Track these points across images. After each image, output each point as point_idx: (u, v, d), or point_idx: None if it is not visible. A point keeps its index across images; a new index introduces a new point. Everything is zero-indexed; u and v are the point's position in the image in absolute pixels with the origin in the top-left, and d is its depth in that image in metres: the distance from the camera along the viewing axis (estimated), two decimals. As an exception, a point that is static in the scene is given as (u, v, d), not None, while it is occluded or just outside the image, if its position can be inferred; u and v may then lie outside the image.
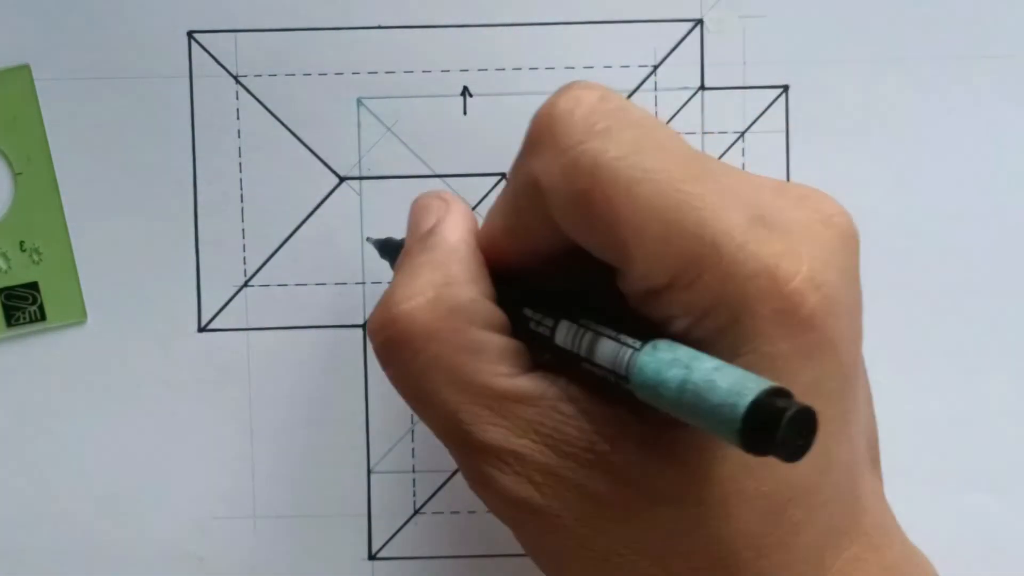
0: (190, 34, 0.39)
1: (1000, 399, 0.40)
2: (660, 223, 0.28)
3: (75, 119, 0.39)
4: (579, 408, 0.30)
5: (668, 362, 0.27)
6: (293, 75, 0.40)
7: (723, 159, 0.40)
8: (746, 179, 0.31)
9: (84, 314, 0.40)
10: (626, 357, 0.28)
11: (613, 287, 0.30)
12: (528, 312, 0.31)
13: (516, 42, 0.39)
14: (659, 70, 0.40)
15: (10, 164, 0.39)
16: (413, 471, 0.40)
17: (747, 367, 0.27)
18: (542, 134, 0.29)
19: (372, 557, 0.40)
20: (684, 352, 0.28)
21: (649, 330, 0.29)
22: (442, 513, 0.40)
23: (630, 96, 0.40)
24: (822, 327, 0.28)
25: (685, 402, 0.27)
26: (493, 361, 0.30)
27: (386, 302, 0.31)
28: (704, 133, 0.40)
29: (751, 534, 0.29)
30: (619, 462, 0.29)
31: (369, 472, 0.40)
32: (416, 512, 0.40)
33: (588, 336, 0.30)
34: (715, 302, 0.28)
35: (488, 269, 0.32)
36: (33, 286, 0.40)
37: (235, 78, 0.40)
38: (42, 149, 0.39)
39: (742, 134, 0.40)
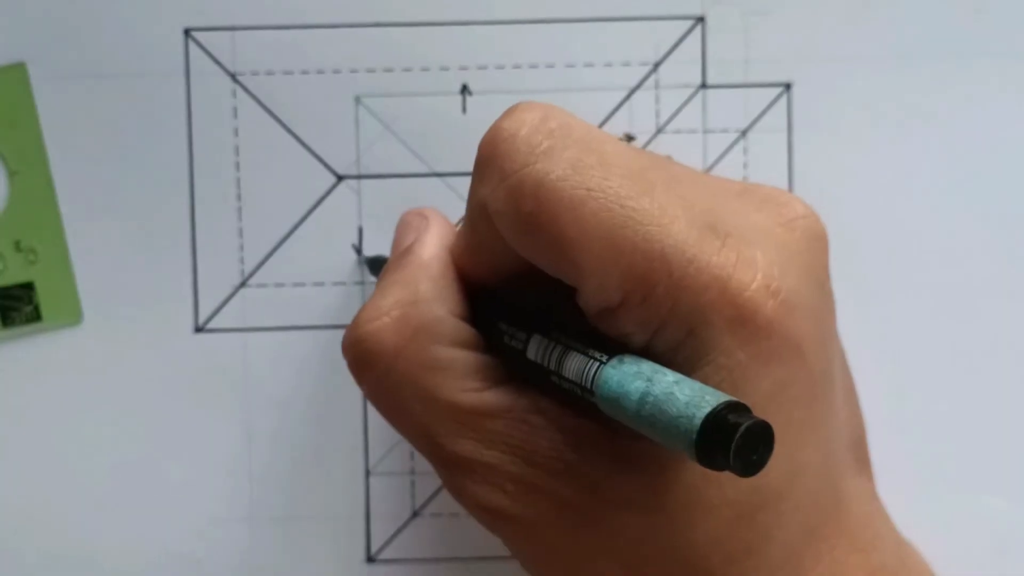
0: (187, 32, 0.39)
1: (1000, 399, 0.40)
2: (607, 241, 0.28)
3: (71, 117, 0.39)
4: (548, 419, 0.30)
5: (631, 375, 0.28)
6: (291, 73, 0.39)
7: (725, 158, 0.40)
8: (702, 185, 0.31)
9: (80, 314, 0.40)
10: (592, 370, 0.29)
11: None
12: (503, 326, 0.32)
13: (516, 40, 0.39)
14: (660, 68, 0.40)
15: (6, 163, 0.39)
16: (411, 473, 0.40)
17: (706, 379, 0.28)
18: (487, 159, 0.30)
19: (370, 559, 0.40)
20: (647, 366, 0.28)
21: (618, 346, 0.29)
22: (441, 515, 0.40)
23: (631, 94, 0.40)
24: (782, 332, 0.29)
25: (645, 415, 0.27)
26: (459, 377, 0.31)
27: (356, 321, 0.32)
28: (705, 131, 0.40)
29: (719, 540, 0.29)
30: (587, 471, 0.30)
31: (367, 474, 0.40)
32: (415, 514, 0.40)
33: (558, 350, 0.30)
34: (669, 316, 0.29)
35: (465, 284, 0.33)
36: (29, 286, 0.39)
37: (232, 76, 0.39)
38: (38, 148, 0.39)
39: (744, 132, 0.40)
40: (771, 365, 0.29)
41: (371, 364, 0.32)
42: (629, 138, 0.40)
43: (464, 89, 0.40)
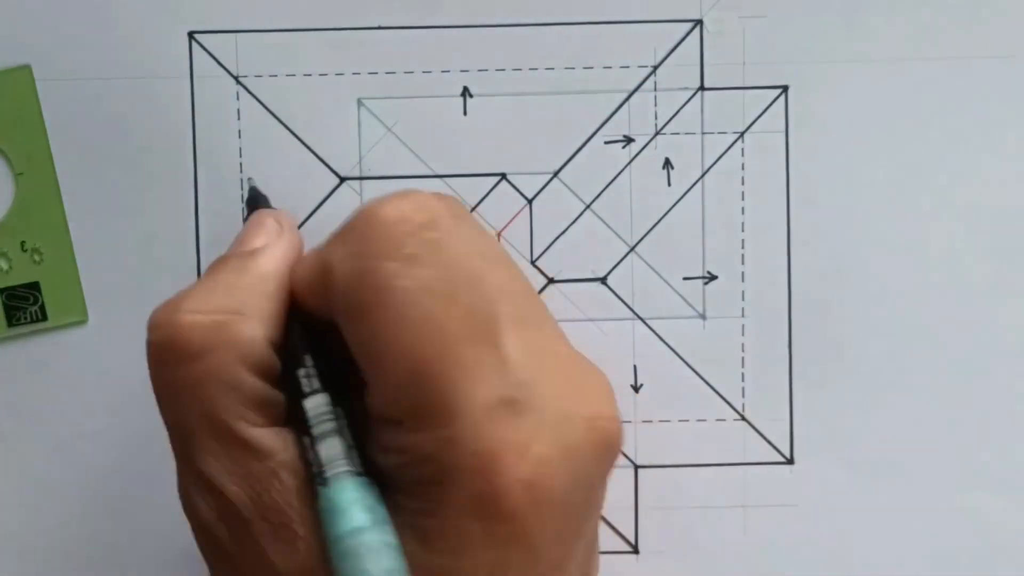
0: (191, 35, 0.39)
1: (1000, 399, 0.40)
2: (412, 369, 0.28)
3: (76, 119, 0.39)
4: (297, 484, 0.30)
5: (361, 504, 0.28)
6: (293, 75, 0.40)
7: (723, 159, 0.40)
8: (540, 348, 0.30)
9: (85, 314, 0.40)
10: (337, 468, 0.29)
11: None
12: (307, 367, 0.31)
13: (516, 42, 0.39)
14: (659, 70, 0.40)
15: (11, 164, 0.39)
16: (413, 471, 0.40)
17: (435, 528, 0.28)
18: (356, 228, 0.30)
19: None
20: (381, 511, 0.28)
21: (381, 455, 0.30)
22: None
23: (629, 97, 0.40)
24: (522, 523, 0.28)
25: (343, 547, 0.28)
26: (243, 404, 0.30)
27: (177, 302, 0.31)
28: (704, 133, 0.40)
29: None
30: (305, 550, 0.29)
31: (369, 472, 0.40)
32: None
33: (329, 424, 0.30)
34: (431, 458, 0.28)
35: (289, 307, 0.32)
36: (34, 286, 0.40)
37: (236, 79, 0.40)
38: (43, 149, 0.39)
39: (742, 134, 0.40)
40: (500, 546, 0.28)
41: (172, 353, 0.31)
42: (629, 139, 0.40)
43: (465, 91, 0.40)
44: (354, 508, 0.28)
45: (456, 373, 0.28)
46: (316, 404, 0.30)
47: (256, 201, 0.38)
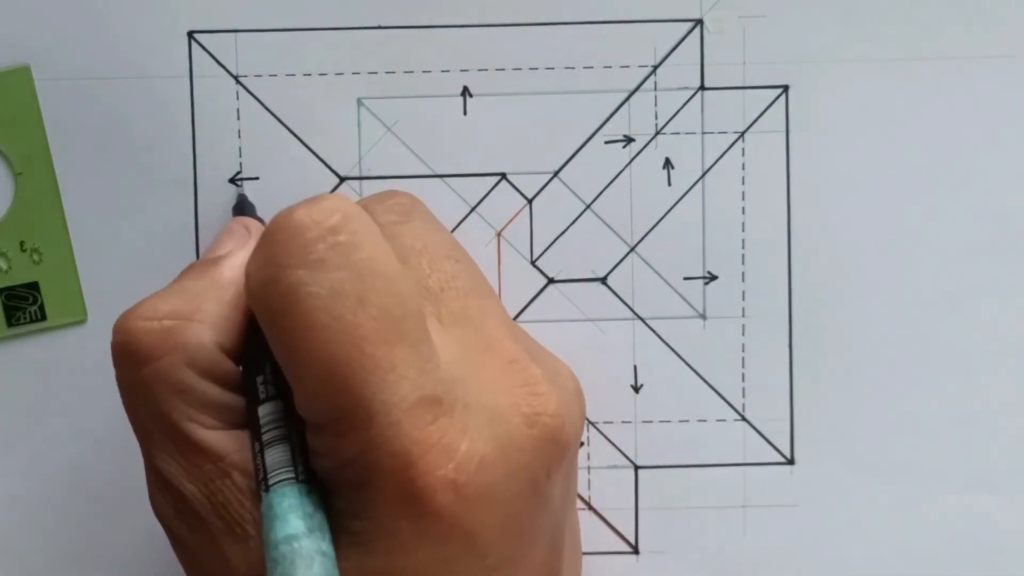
0: (190, 34, 0.39)
1: (1000, 399, 0.40)
2: (326, 373, 0.28)
3: (75, 119, 0.39)
4: (251, 485, 0.30)
5: (300, 512, 0.29)
6: (293, 75, 0.40)
7: (723, 159, 0.40)
8: (472, 345, 0.31)
9: (84, 314, 0.40)
10: (279, 476, 0.29)
11: None
12: (265, 373, 0.31)
13: (516, 42, 0.40)
14: (659, 70, 0.40)
15: (10, 164, 0.39)
16: (413, 471, 0.40)
17: (367, 531, 0.29)
18: (267, 236, 0.30)
19: (372, 557, 0.40)
20: (319, 517, 0.29)
21: (318, 461, 0.30)
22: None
23: (629, 96, 0.40)
24: (453, 521, 0.29)
25: (278, 552, 0.28)
26: (196, 407, 0.31)
27: (133, 310, 0.32)
28: (704, 133, 0.40)
29: None
30: (257, 550, 0.30)
31: (369, 472, 0.40)
32: (416, 512, 0.40)
33: (278, 431, 0.30)
34: (353, 461, 0.29)
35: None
36: (33, 286, 0.40)
37: (235, 78, 0.40)
38: (42, 149, 0.39)
39: (742, 134, 0.40)
40: (436, 545, 0.29)
41: (127, 357, 0.31)
42: (629, 139, 0.40)
43: (465, 91, 0.40)
44: (291, 515, 0.29)
45: (370, 375, 0.28)
46: (268, 411, 0.31)
47: (242, 209, 0.39)
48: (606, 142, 0.40)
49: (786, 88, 0.40)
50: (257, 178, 0.40)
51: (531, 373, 0.31)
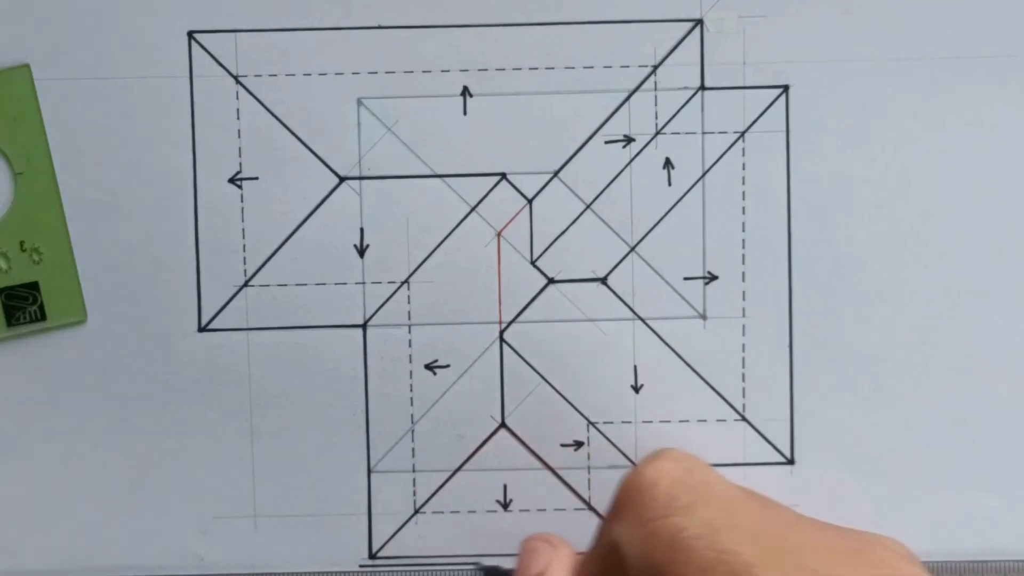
0: (190, 34, 0.39)
1: (1000, 399, 0.40)
2: None
3: (75, 119, 0.39)
4: None
5: None
6: (293, 75, 0.40)
7: (723, 159, 0.40)
8: (821, 548, 0.31)
9: (84, 314, 0.40)
10: None
11: None
12: None
13: (516, 42, 0.40)
14: (659, 70, 0.40)
15: (10, 164, 0.39)
16: (413, 471, 0.40)
17: None
18: (627, 502, 0.31)
19: (372, 556, 0.40)
20: None
21: None
22: (442, 513, 0.40)
23: (629, 96, 0.40)
24: None
25: None
26: None
27: None
28: (704, 133, 0.40)
29: None
30: None
31: (369, 471, 0.40)
32: (416, 512, 0.40)
33: None
34: None
35: None
36: (33, 286, 0.40)
37: (235, 78, 0.40)
38: (42, 149, 0.39)
39: (742, 134, 0.40)
40: None
41: None
42: (629, 139, 0.40)
43: (465, 91, 0.40)
44: None
45: None
46: None
47: (492, 573, 0.40)
48: (606, 142, 0.40)
49: (786, 88, 0.40)
50: (257, 178, 0.40)
51: (876, 555, 0.31)
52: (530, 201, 0.40)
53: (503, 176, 0.40)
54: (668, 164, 0.40)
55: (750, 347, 0.40)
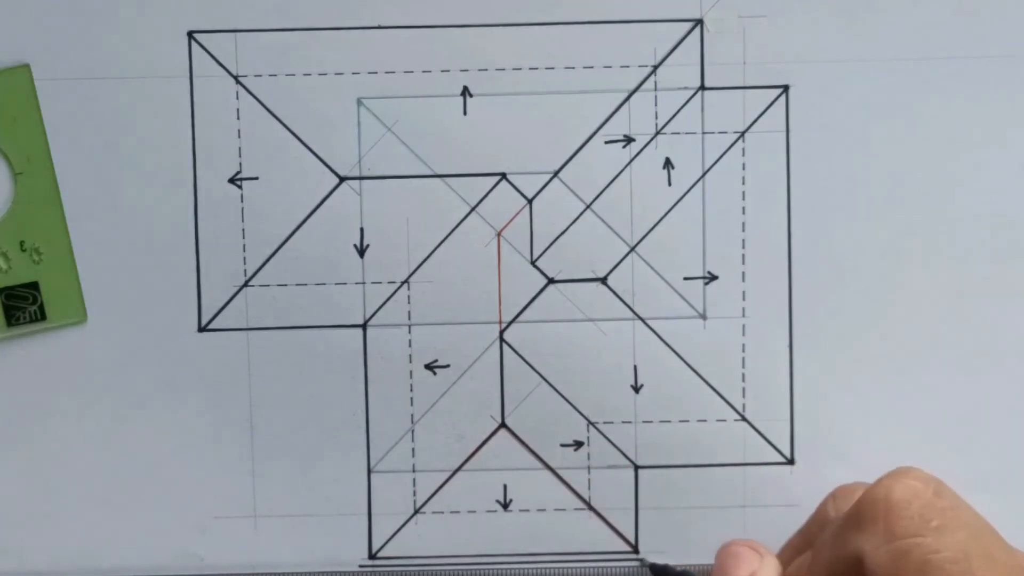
0: (190, 34, 0.39)
1: (1000, 399, 0.40)
2: None
3: (75, 119, 0.39)
4: None
5: None
6: (293, 75, 0.40)
7: (723, 159, 0.40)
8: None
9: (84, 314, 0.40)
10: None
11: None
12: None
13: (516, 42, 0.40)
14: (659, 70, 0.40)
15: (10, 164, 0.39)
16: (413, 471, 0.40)
17: None
18: (875, 516, 0.31)
19: (372, 556, 0.40)
20: None
21: None
22: (442, 513, 0.40)
23: (629, 96, 0.40)
24: None
25: None
26: None
27: None
28: (704, 133, 0.40)
29: None
30: None
31: (369, 472, 0.40)
32: (416, 512, 0.40)
33: None
34: None
35: None
36: (33, 286, 0.40)
37: (235, 78, 0.40)
38: (42, 149, 0.39)
39: (742, 134, 0.40)
40: None
41: None
42: (629, 139, 0.40)
43: (465, 91, 0.40)
44: None
45: None
46: None
47: (664, 572, 0.40)
48: (606, 142, 0.40)
49: (786, 88, 0.40)
50: (257, 178, 0.40)
51: None
52: (530, 201, 0.40)
53: (503, 176, 0.40)
54: (668, 164, 0.40)
55: (750, 347, 0.40)
